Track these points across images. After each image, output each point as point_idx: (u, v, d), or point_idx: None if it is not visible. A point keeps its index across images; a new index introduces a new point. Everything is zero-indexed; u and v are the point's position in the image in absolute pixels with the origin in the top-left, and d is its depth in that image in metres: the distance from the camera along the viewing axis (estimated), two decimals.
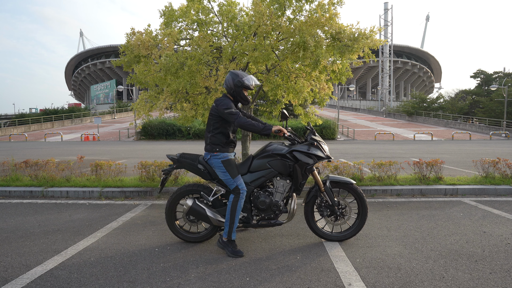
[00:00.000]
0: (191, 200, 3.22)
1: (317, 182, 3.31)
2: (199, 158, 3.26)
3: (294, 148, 3.19)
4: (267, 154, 3.21)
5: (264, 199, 3.15)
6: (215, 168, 3.15)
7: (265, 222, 3.21)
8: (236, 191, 3.05)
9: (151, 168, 5.90)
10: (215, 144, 3.13)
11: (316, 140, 3.23)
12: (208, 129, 3.21)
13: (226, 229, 3.07)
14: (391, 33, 60.04)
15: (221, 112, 3.06)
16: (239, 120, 3.03)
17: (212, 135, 3.15)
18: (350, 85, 34.03)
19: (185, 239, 3.37)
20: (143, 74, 5.56)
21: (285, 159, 3.17)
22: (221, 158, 3.10)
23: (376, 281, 2.54)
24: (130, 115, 47.30)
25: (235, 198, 3.04)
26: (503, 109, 31.13)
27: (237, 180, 3.08)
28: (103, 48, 71.17)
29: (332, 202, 3.32)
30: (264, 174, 3.19)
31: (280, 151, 3.18)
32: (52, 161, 6.47)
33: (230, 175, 3.07)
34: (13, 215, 4.49)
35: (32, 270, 2.76)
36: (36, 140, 25.67)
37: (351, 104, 67.03)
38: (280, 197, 3.19)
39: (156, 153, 13.76)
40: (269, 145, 3.29)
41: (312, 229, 3.39)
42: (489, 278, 2.56)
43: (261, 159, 3.22)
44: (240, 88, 3.13)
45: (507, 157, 7.37)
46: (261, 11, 4.82)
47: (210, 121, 3.19)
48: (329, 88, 6.17)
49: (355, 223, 3.37)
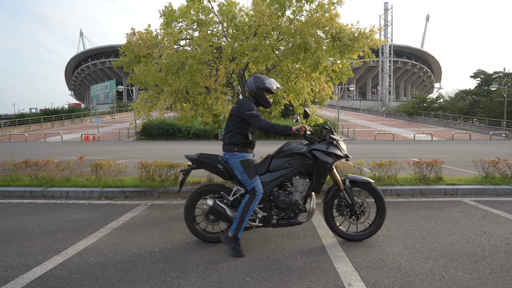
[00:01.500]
0: (211, 200, 3.22)
1: (337, 181, 3.31)
2: (218, 158, 3.27)
3: (314, 147, 3.19)
4: (286, 153, 3.22)
5: (284, 198, 3.16)
6: (233, 168, 3.16)
7: (285, 222, 3.22)
8: (253, 192, 3.06)
9: (151, 168, 5.90)
10: (234, 144, 3.15)
11: (335, 139, 3.24)
12: (227, 129, 3.23)
13: (234, 226, 3.07)
14: (391, 33, 60.03)
15: (243, 113, 3.10)
16: (259, 122, 3.06)
17: (231, 135, 3.17)
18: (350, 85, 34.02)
19: (204, 239, 3.36)
20: (143, 74, 5.57)
21: (305, 158, 3.18)
22: (240, 158, 3.12)
23: (376, 281, 2.54)
24: (130, 115, 47.29)
25: (250, 199, 3.05)
26: (503, 109, 31.13)
27: (254, 181, 3.09)
28: (103, 48, 71.16)
29: (352, 201, 3.32)
30: (284, 173, 3.19)
31: (299, 150, 3.19)
32: (52, 161, 6.47)
33: (247, 176, 3.09)
34: (13, 215, 4.49)
35: (32, 270, 2.76)
36: (36, 140, 25.67)
37: (351, 104, 67.02)
38: (300, 196, 3.20)
39: (156, 153, 13.76)
40: (287, 145, 3.30)
41: (331, 228, 3.39)
42: (489, 278, 2.56)
43: (280, 159, 3.23)
44: (261, 90, 3.18)
45: (507, 157, 7.37)
46: (261, 11, 4.82)
47: (230, 122, 3.22)
48: (329, 88, 6.17)
49: (373, 223, 3.38)
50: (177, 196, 5.48)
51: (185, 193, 5.51)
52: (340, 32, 4.98)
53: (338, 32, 4.97)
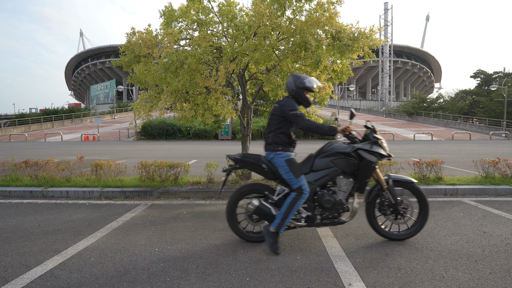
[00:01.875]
0: (257, 200, 3.22)
1: (380, 180, 3.32)
2: (261, 158, 3.28)
3: (359, 147, 3.20)
4: (330, 153, 3.22)
5: (329, 198, 3.17)
6: (278, 167, 3.17)
7: (328, 221, 3.23)
8: (299, 190, 3.07)
9: (151, 168, 5.91)
10: (278, 144, 3.16)
11: (378, 138, 3.25)
12: (270, 128, 3.24)
13: (277, 221, 3.07)
14: (391, 33, 60.00)
15: (286, 113, 3.11)
16: (304, 122, 3.08)
17: (274, 134, 3.18)
18: (350, 85, 34.03)
19: (247, 239, 3.36)
20: (143, 74, 5.56)
21: (349, 157, 3.18)
22: (284, 157, 3.13)
23: (376, 281, 2.54)
24: (130, 115, 47.29)
25: (297, 196, 3.06)
26: (503, 109, 31.13)
27: (300, 180, 3.10)
28: (103, 48, 71.14)
29: (395, 201, 3.32)
30: (328, 173, 3.20)
31: (344, 149, 3.20)
32: (52, 161, 6.47)
33: (293, 175, 3.09)
34: (13, 215, 4.49)
35: (32, 270, 2.76)
36: (36, 140, 25.67)
37: (351, 104, 66.99)
38: (343, 196, 3.21)
39: (156, 153, 13.76)
40: (330, 144, 3.30)
41: (374, 227, 3.39)
42: (489, 278, 2.56)
43: (323, 158, 3.23)
44: (301, 90, 3.18)
45: (507, 157, 7.37)
46: (261, 11, 4.82)
47: (272, 121, 3.22)
48: (329, 88, 6.17)
49: (416, 222, 3.37)
50: (177, 196, 5.49)
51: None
52: (340, 32, 4.97)
53: (338, 31, 4.97)
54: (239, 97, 6.62)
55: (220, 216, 4.34)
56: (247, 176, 6.12)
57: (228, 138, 24.39)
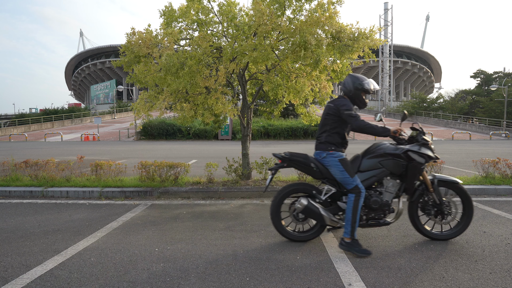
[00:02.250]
0: (305, 199, 3.22)
1: (426, 181, 3.31)
2: (309, 157, 3.28)
3: (409, 148, 3.19)
4: (378, 154, 3.22)
5: (377, 198, 3.17)
6: (330, 167, 3.16)
7: (374, 222, 3.23)
8: (356, 190, 3.06)
9: (151, 168, 5.91)
10: (331, 143, 3.16)
11: (427, 140, 3.25)
12: (323, 128, 3.23)
13: (347, 229, 3.04)
14: (391, 33, 60.02)
15: (341, 113, 3.10)
16: (358, 123, 3.07)
17: (328, 134, 3.18)
18: None
19: (291, 238, 3.36)
20: (143, 74, 5.56)
21: (399, 159, 3.18)
22: (337, 157, 3.13)
23: (376, 281, 2.54)
24: (130, 115, 47.28)
25: (356, 197, 3.04)
26: (503, 109, 31.13)
27: (356, 180, 3.10)
28: (103, 48, 71.14)
29: (440, 201, 3.32)
30: (376, 173, 3.20)
31: (393, 151, 3.19)
32: (52, 161, 6.47)
33: (348, 174, 3.08)
34: (13, 215, 4.49)
35: (32, 270, 2.76)
36: (36, 140, 25.67)
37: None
38: (390, 197, 3.21)
39: (156, 153, 13.76)
40: (377, 145, 3.30)
41: (416, 227, 3.38)
42: (489, 278, 2.56)
43: (371, 159, 3.23)
44: (360, 91, 3.18)
45: (507, 157, 7.36)
46: (261, 11, 4.81)
47: (326, 121, 3.21)
48: (329, 88, 6.16)
49: (460, 223, 3.37)
50: (177, 196, 5.49)
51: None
52: (340, 32, 4.97)
53: (338, 31, 4.97)
54: (239, 97, 6.62)
55: (220, 216, 4.34)
56: (247, 176, 6.12)
57: (228, 138, 24.40)
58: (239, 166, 6.14)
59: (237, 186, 5.67)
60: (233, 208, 4.76)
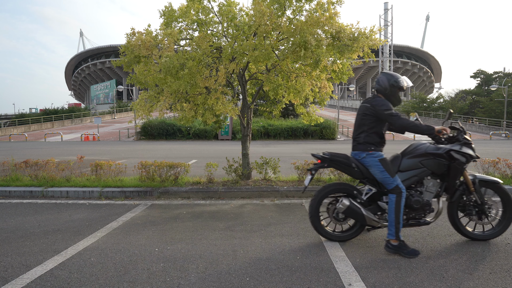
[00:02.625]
0: (347, 200, 3.21)
1: (467, 181, 3.30)
2: (350, 157, 3.26)
3: (452, 148, 3.18)
4: (418, 153, 3.20)
5: (418, 198, 3.16)
6: (371, 167, 3.15)
7: (414, 221, 3.23)
8: (397, 190, 3.04)
9: (151, 168, 5.91)
10: (370, 143, 3.15)
11: (468, 139, 3.24)
12: (361, 128, 3.21)
13: (392, 231, 3.02)
14: (391, 33, 60.05)
15: (380, 113, 3.08)
16: (401, 122, 3.05)
17: (367, 134, 3.16)
18: (350, 85, 34.02)
19: (330, 238, 3.35)
20: (143, 74, 5.56)
21: (441, 158, 3.16)
22: (377, 157, 3.12)
23: (376, 281, 2.54)
24: (130, 115, 47.27)
25: (398, 198, 3.03)
26: (503, 109, 31.14)
27: (396, 180, 3.08)
28: (103, 48, 71.17)
29: (481, 201, 3.31)
30: (417, 173, 3.19)
31: (435, 150, 3.18)
32: (52, 161, 6.47)
33: (389, 174, 3.07)
34: (13, 215, 4.49)
35: (32, 270, 2.76)
36: (36, 140, 25.67)
37: (351, 104, 66.96)
38: (430, 197, 3.21)
39: (156, 153, 13.76)
40: (418, 145, 3.29)
41: (457, 227, 3.37)
42: (489, 278, 2.56)
43: (412, 159, 3.21)
44: (395, 89, 3.16)
45: (507, 157, 7.36)
46: (261, 11, 4.81)
47: (363, 121, 3.20)
48: (329, 87, 6.17)
49: (501, 223, 3.35)
50: (177, 196, 5.49)
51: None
52: (340, 32, 4.97)
53: (338, 31, 4.97)
54: (239, 97, 6.62)
55: (220, 216, 4.34)
56: (247, 176, 6.12)
57: (228, 138, 24.39)
58: (239, 166, 6.14)
59: (237, 186, 5.67)
60: (233, 208, 4.76)
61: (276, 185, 5.71)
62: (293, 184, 5.74)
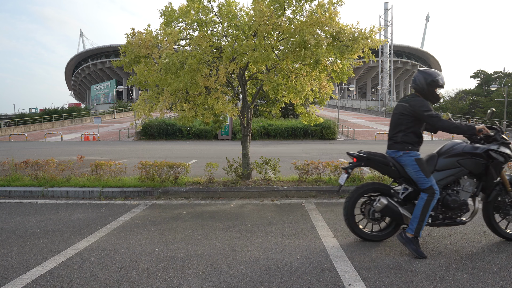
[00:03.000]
0: (385, 198, 3.20)
1: (504, 181, 3.29)
2: (387, 157, 3.25)
3: (490, 147, 3.16)
4: (455, 153, 3.19)
5: (455, 198, 3.15)
6: (406, 165, 3.14)
7: (450, 221, 3.22)
8: (431, 191, 3.03)
9: (151, 168, 5.91)
10: (408, 143, 3.14)
11: (506, 139, 3.23)
12: (398, 127, 3.20)
13: (413, 226, 3.02)
14: (391, 33, 60.11)
15: (419, 114, 3.06)
16: (442, 123, 3.05)
17: (404, 134, 3.15)
18: (350, 85, 34.01)
19: (368, 238, 3.35)
20: (143, 75, 5.56)
21: (479, 158, 3.15)
22: (414, 156, 3.11)
23: (376, 281, 2.54)
24: (130, 115, 47.29)
25: (429, 197, 3.02)
26: (503, 109, 31.14)
27: (431, 180, 3.07)
28: (103, 48, 71.19)
29: None
30: (453, 172, 3.18)
31: (473, 150, 3.16)
32: (52, 161, 6.47)
33: (424, 174, 3.06)
34: (13, 215, 4.49)
35: (32, 270, 2.76)
36: (36, 140, 25.67)
37: (351, 104, 67.01)
38: (467, 196, 3.20)
39: (156, 153, 13.76)
40: (454, 144, 3.27)
41: (493, 228, 3.35)
42: (489, 278, 2.56)
43: (448, 158, 3.20)
44: (433, 87, 3.13)
45: None
46: (261, 11, 4.81)
47: (401, 121, 3.18)
48: (329, 87, 6.16)
49: None
50: (177, 196, 5.49)
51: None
52: (340, 32, 4.97)
53: (338, 32, 4.97)
54: (239, 97, 6.62)
55: (220, 216, 4.34)
56: (247, 176, 6.12)
57: (228, 138, 24.40)
58: (239, 166, 6.14)
59: (237, 186, 5.67)
60: (233, 208, 4.76)
61: (276, 185, 5.71)
62: (293, 184, 5.74)
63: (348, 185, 5.63)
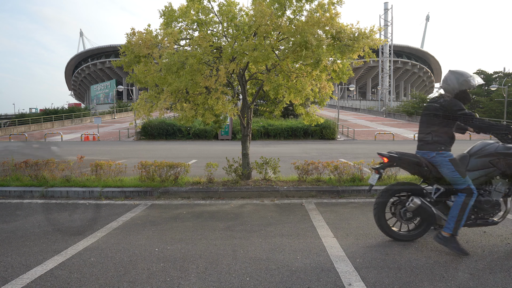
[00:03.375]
0: (419, 199, 3.19)
1: None
2: (420, 157, 3.24)
3: None
4: (487, 153, 3.18)
5: (488, 198, 3.15)
6: (441, 166, 3.13)
7: (482, 221, 3.21)
8: (469, 191, 3.02)
9: (151, 168, 5.91)
10: (440, 143, 3.13)
11: None
12: (430, 128, 3.19)
13: (450, 225, 3.01)
14: (391, 33, 60.05)
15: (453, 113, 3.05)
16: (478, 123, 3.04)
17: (436, 134, 3.15)
18: (350, 85, 34.00)
19: (398, 238, 3.34)
20: (143, 74, 5.56)
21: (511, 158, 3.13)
22: (448, 156, 3.10)
23: (376, 281, 2.54)
24: (130, 115, 47.27)
25: (467, 197, 3.01)
26: (503, 109, 31.15)
27: (468, 180, 3.06)
28: (103, 48, 71.18)
29: None
30: (485, 173, 3.17)
31: (506, 150, 3.15)
32: (52, 161, 6.47)
33: (460, 174, 3.05)
34: (13, 215, 4.49)
35: (32, 270, 2.76)
36: (36, 140, 25.66)
37: (351, 104, 66.97)
38: (499, 197, 3.19)
39: (156, 153, 13.76)
40: (486, 144, 3.26)
41: None
42: (489, 278, 2.56)
43: (480, 158, 3.19)
44: (465, 88, 3.12)
45: None
46: (261, 11, 4.81)
47: (433, 121, 3.17)
48: (329, 88, 6.16)
49: None
50: (177, 196, 5.48)
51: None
52: (340, 32, 4.97)
53: (339, 32, 4.97)
54: (239, 97, 6.62)
55: (220, 216, 4.34)
56: (247, 176, 6.12)
57: (228, 138, 24.39)
58: (239, 166, 6.14)
59: (237, 186, 5.67)
60: (233, 208, 4.76)
61: (276, 185, 5.71)
62: (293, 184, 5.74)
63: (348, 185, 5.62)
